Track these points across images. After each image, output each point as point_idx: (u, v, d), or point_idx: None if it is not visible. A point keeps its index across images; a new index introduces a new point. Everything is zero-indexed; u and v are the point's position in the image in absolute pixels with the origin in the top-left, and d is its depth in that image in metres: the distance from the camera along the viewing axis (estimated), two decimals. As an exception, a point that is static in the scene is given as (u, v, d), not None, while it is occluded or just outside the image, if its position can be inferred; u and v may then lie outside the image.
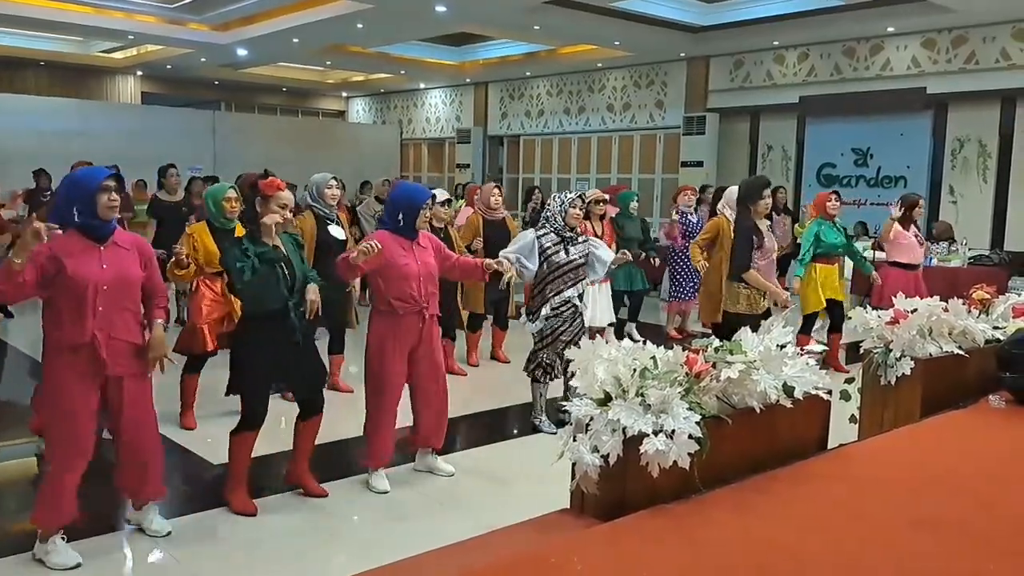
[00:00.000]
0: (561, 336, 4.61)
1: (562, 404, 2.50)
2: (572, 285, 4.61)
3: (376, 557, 2.40)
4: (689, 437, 2.09)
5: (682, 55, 12.59)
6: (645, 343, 2.33)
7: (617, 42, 11.88)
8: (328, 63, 15.71)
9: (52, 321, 3.03)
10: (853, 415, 3.35)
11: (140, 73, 17.06)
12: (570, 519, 2.19)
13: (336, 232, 5.19)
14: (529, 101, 15.64)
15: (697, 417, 2.13)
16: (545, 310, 4.58)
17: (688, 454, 2.08)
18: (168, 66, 15.82)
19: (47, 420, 3.09)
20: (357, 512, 3.72)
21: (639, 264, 7.26)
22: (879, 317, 3.30)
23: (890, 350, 3.21)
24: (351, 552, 3.35)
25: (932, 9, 9.17)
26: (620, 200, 7.34)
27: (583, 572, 1.79)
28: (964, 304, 3.47)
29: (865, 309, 3.38)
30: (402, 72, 15.86)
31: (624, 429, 2.08)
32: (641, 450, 2.05)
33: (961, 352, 3.27)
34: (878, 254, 7.96)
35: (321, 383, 3.84)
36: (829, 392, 2.53)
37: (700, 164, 12.65)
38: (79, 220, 2.99)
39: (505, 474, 4.25)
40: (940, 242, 8.85)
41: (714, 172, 12.60)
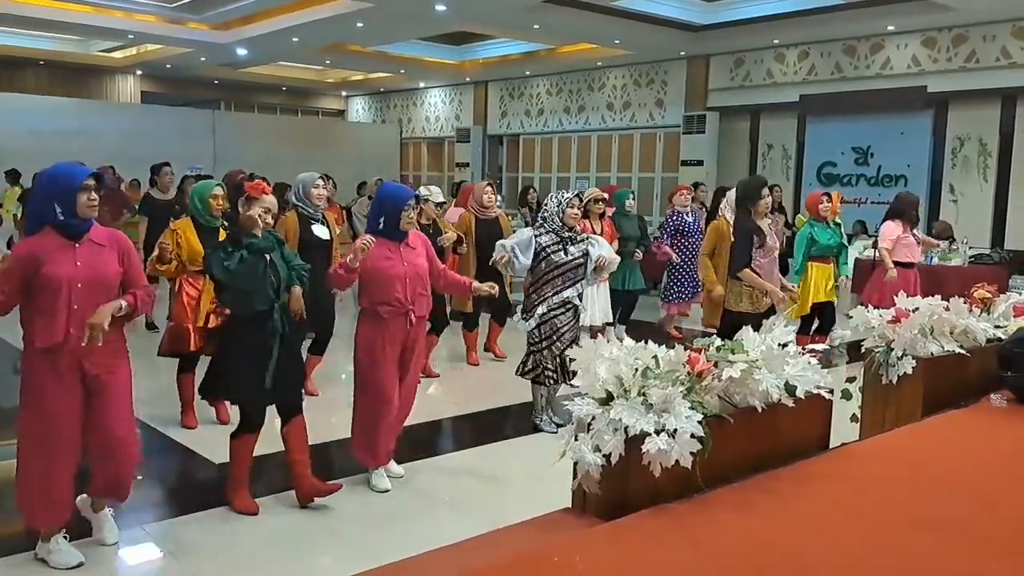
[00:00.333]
0: (563, 336, 4.58)
1: (563, 404, 2.49)
2: (572, 285, 4.59)
3: (377, 557, 2.39)
4: (691, 436, 2.09)
5: (682, 54, 12.60)
6: (646, 342, 2.33)
7: (617, 41, 11.88)
8: (328, 62, 15.72)
9: (28, 320, 2.99)
10: (854, 414, 3.35)
11: (140, 72, 17.08)
12: (572, 518, 2.19)
13: (320, 232, 5.13)
14: (529, 100, 15.64)
15: (699, 416, 2.13)
16: (541, 309, 4.55)
17: (690, 453, 2.08)
18: (168, 65, 15.84)
19: (29, 421, 3.01)
20: (357, 512, 3.71)
21: (642, 262, 7.25)
22: (880, 316, 3.29)
23: (891, 349, 3.21)
24: (352, 552, 3.34)
25: (932, 8, 9.17)
26: (615, 199, 7.32)
27: (585, 571, 1.78)
28: (965, 303, 3.47)
29: (866, 308, 3.38)
30: (402, 71, 15.86)
31: (626, 428, 2.08)
32: (643, 449, 2.05)
33: (962, 351, 3.27)
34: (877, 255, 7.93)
35: (301, 385, 3.80)
36: (831, 391, 2.53)
37: (700, 163, 12.66)
38: (59, 219, 2.92)
39: (506, 473, 4.25)
40: (941, 241, 8.84)
41: (714, 171, 12.60)
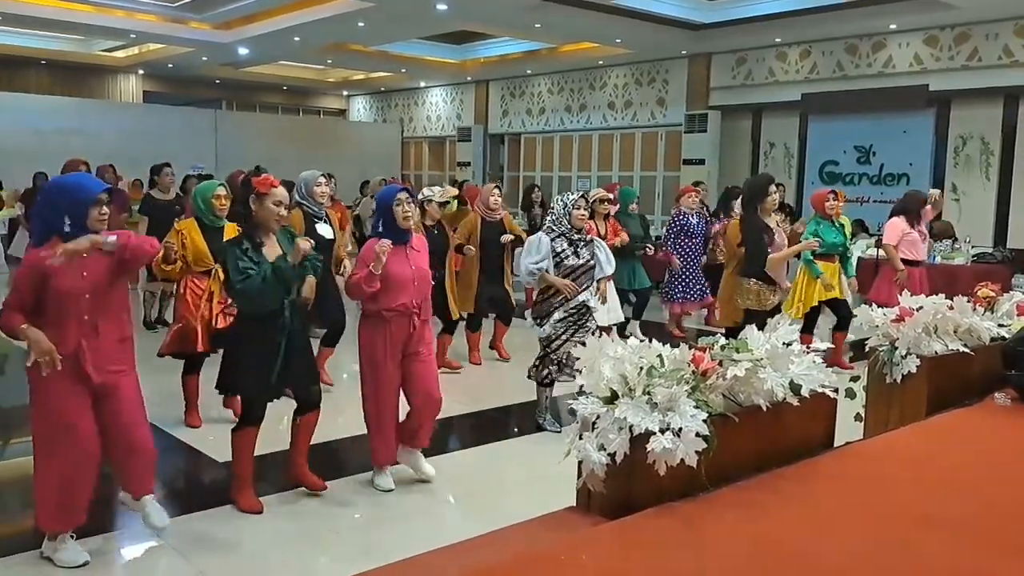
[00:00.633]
0: (577, 337, 4.53)
1: (568, 403, 2.49)
2: (586, 288, 4.59)
3: (381, 556, 2.40)
4: (696, 435, 2.09)
5: (684, 52, 12.58)
6: (651, 341, 2.33)
7: (618, 39, 11.87)
8: (329, 61, 15.71)
9: (37, 328, 2.94)
10: (858, 413, 3.35)
11: (142, 72, 17.08)
12: (577, 517, 2.19)
13: (324, 231, 5.15)
14: (530, 99, 15.63)
15: (704, 415, 2.13)
16: (558, 314, 4.53)
17: (695, 452, 2.08)
18: (169, 65, 15.84)
19: (43, 427, 3.02)
20: (362, 510, 3.71)
21: (644, 261, 7.25)
22: (884, 315, 3.29)
23: (896, 348, 3.21)
24: (356, 550, 3.35)
25: (934, 6, 9.16)
26: (621, 197, 7.32)
27: (591, 570, 1.78)
28: (969, 302, 3.47)
29: (870, 307, 3.37)
30: (403, 70, 15.85)
31: (631, 427, 2.08)
32: (648, 448, 2.05)
33: (967, 350, 3.27)
34: (880, 253, 7.93)
35: (315, 379, 3.82)
36: (835, 390, 2.53)
37: (702, 162, 12.64)
38: (68, 231, 2.91)
39: (510, 472, 4.25)
40: (942, 240, 8.83)
41: (716, 170, 12.59)
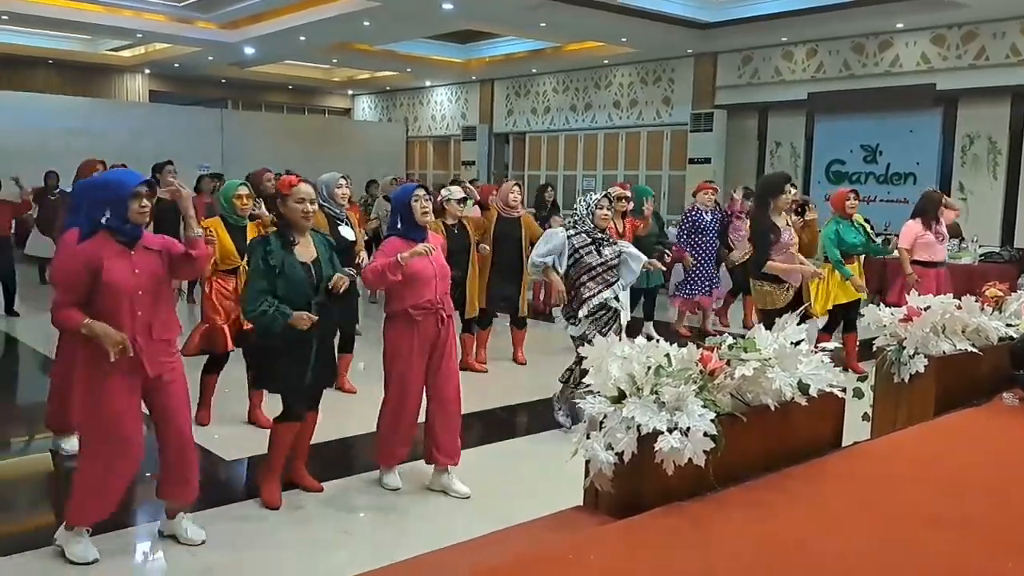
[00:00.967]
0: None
1: (575, 402, 2.49)
2: (609, 286, 4.57)
3: (390, 554, 2.40)
4: (704, 435, 2.08)
5: (689, 51, 12.56)
6: (659, 341, 2.33)
7: (624, 39, 11.85)
8: (334, 61, 15.73)
9: None
10: (866, 413, 3.34)
11: (148, 71, 17.11)
12: (584, 516, 2.19)
13: (346, 232, 5.20)
14: (535, 98, 15.63)
15: (712, 415, 2.13)
16: (583, 311, 4.52)
17: (703, 452, 2.08)
18: (176, 64, 15.88)
19: (89, 427, 3.05)
20: (369, 509, 3.72)
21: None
22: (892, 314, 3.28)
23: (903, 347, 3.19)
24: (363, 549, 3.35)
25: (942, 5, 9.13)
26: (635, 196, 7.29)
27: (599, 570, 1.78)
28: (977, 301, 3.46)
29: (878, 307, 3.36)
30: (408, 70, 15.86)
31: (639, 427, 2.08)
32: (656, 447, 2.05)
33: (975, 350, 3.26)
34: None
35: (328, 383, 3.83)
36: (843, 390, 2.53)
37: (708, 161, 12.61)
38: (109, 223, 2.97)
39: (518, 471, 4.25)
40: (949, 240, 8.79)
41: (721, 169, 12.57)
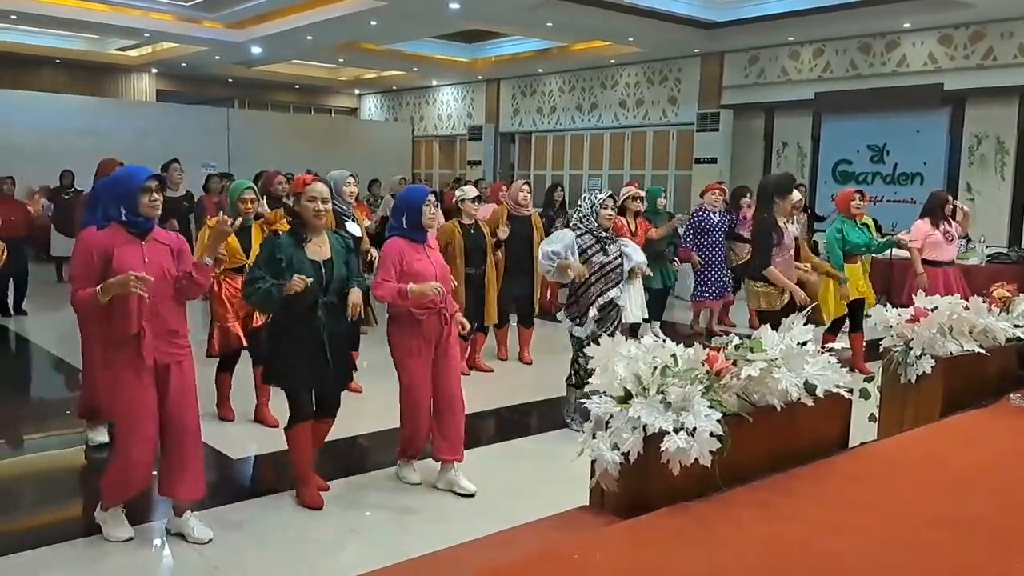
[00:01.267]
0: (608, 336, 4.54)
1: (581, 401, 2.49)
2: (615, 285, 4.59)
3: (395, 553, 2.41)
4: (710, 435, 2.08)
5: (696, 51, 12.54)
6: (665, 341, 2.33)
7: (630, 38, 11.84)
8: (341, 60, 15.75)
9: (101, 314, 3.10)
10: (872, 414, 3.33)
11: (155, 71, 17.17)
12: (590, 516, 2.19)
13: (353, 229, 5.30)
14: (541, 98, 15.62)
15: (718, 415, 2.12)
16: (593, 312, 4.54)
17: (709, 452, 2.08)
18: (183, 64, 15.92)
19: (118, 411, 3.22)
20: (375, 507, 3.73)
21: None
22: (899, 315, 3.28)
23: (910, 348, 3.19)
24: (370, 547, 3.36)
25: (949, 5, 9.09)
26: (648, 196, 7.28)
27: (604, 570, 1.79)
28: (985, 302, 3.45)
29: (885, 307, 3.36)
30: (414, 69, 15.87)
31: (644, 427, 2.08)
32: (662, 448, 2.05)
33: (982, 350, 3.25)
34: (896, 252, 7.89)
35: (343, 387, 3.81)
36: (850, 390, 2.52)
37: (714, 161, 12.60)
38: (125, 218, 3.13)
39: (524, 471, 4.25)
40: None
41: (728, 169, 12.55)
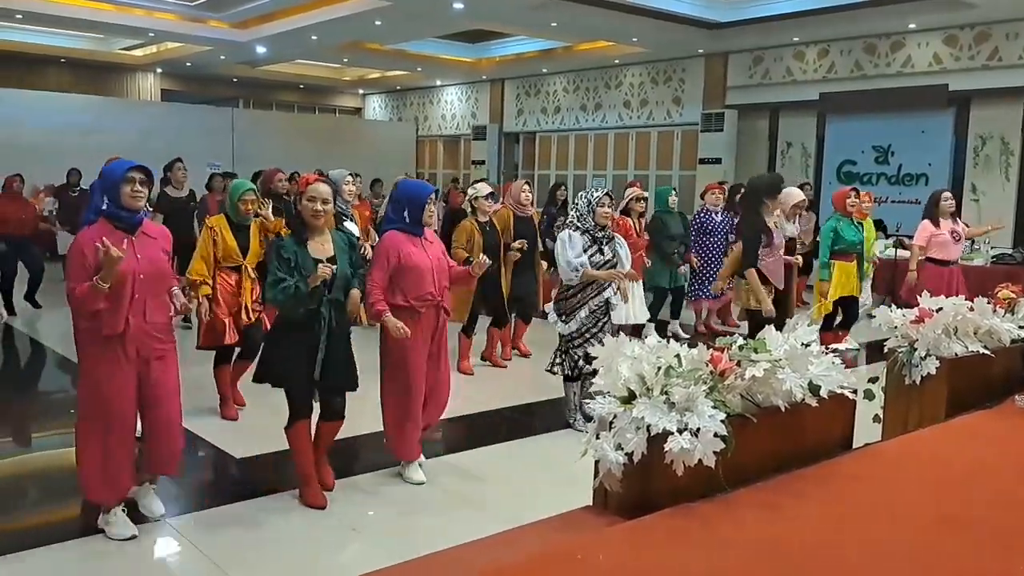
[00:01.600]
0: (597, 335, 4.54)
1: (585, 401, 2.49)
2: (609, 285, 4.59)
3: (399, 553, 2.40)
4: (714, 435, 2.08)
5: (700, 51, 12.53)
6: (668, 341, 2.33)
7: (635, 38, 11.83)
8: (345, 60, 15.77)
9: (90, 309, 3.10)
10: (877, 415, 3.33)
11: (160, 70, 17.20)
12: (593, 516, 2.19)
13: (351, 227, 5.32)
14: (545, 98, 15.62)
15: (722, 415, 2.12)
16: (584, 312, 4.55)
17: (713, 453, 2.07)
18: (187, 63, 15.94)
19: (89, 403, 3.21)
20: (377, 507, 3.72)
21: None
22: (904, 316, 3.27)
23: (915, 349, 3.19)
24: (371, 547, 3.36)
25: (954, 5, 9.07)
26: (657, 196, 7.23)
27: (608, 569, 1.78)
28: (989, 303, 3.44)
29: (889, 308, 3.35)
30: (418, 69, 15.88)
31: (648, 427, 2.08)
32: (666, 448, 2.05)
33: (987, 352, 3.25)
34: (901, 252, 7.89)
35: (349, 387, 3.74)
36: (854, 391, 2.52)
37: (718, 161, 12.58)
38: (108, 208, 3.13)
39: (528, 471, 4.24)
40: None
41: (732, 169, 12.53)
